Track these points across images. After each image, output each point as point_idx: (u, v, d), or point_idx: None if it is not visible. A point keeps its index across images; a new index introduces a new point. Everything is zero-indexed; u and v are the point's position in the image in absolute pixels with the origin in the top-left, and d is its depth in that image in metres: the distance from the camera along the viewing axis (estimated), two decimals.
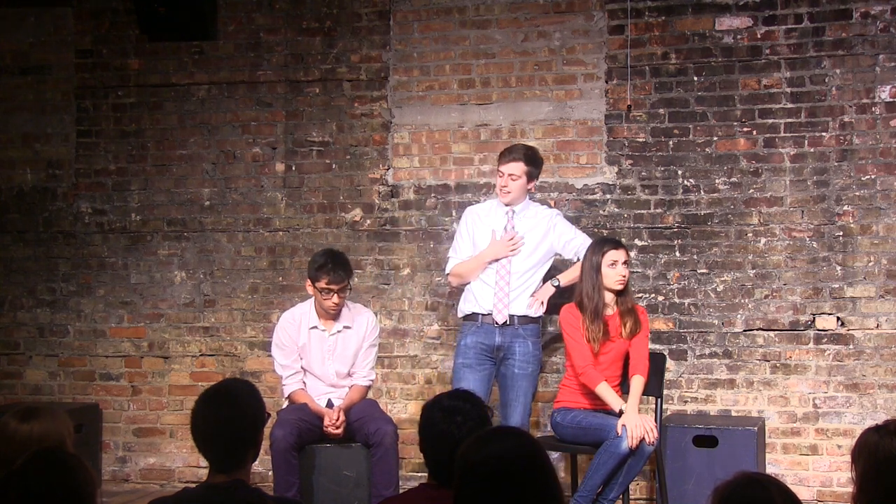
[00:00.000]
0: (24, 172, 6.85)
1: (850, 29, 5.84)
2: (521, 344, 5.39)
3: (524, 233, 5.45)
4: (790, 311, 5.90)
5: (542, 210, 5.61)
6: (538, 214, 5.54)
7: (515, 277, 5.41)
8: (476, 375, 5.36)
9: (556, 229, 5.51)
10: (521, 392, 5.33)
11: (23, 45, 6.83)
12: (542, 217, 5.53)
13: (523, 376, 5.37)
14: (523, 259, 5.44)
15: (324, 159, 6.52)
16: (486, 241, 5.47)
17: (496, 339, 5.39)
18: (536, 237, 5.47)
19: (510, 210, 5.50)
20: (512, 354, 5.38)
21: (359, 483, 5.17)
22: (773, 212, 5.94)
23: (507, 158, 5.45)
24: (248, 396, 3.10)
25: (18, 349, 6.82)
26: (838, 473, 5.75)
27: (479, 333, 5.42)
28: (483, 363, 5.41)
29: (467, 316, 5.51)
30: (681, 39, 6.06)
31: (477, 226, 5.55)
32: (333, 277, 5.23)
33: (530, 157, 5.47)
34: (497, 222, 5.50)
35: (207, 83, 6.64)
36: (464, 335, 5.49)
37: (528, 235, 5.46)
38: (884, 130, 5.81)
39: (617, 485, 4.96)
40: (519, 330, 5.39)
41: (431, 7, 6.40)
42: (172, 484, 6.53)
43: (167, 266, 6.67)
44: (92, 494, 2.59)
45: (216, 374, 6.43)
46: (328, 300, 5.26)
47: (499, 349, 5.39)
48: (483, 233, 5.51)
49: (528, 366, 5.39)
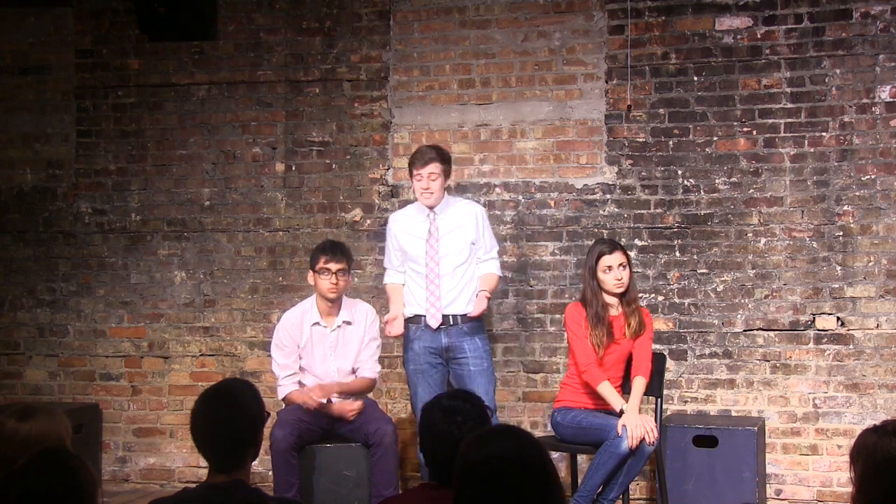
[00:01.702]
0: (24, 172, 6.85)
1: (850, 29, 5.85)
2: (470, 342, 5.32)
3: (447, 232, 5.37)
4: (790, 311, 5.91)
5: (463, 206, 5.50)
6: (460, 211, 5.44)
7: (446, 280, 5.34)
8: (429, 381, 5.33)
9: (480, 225, 5.42)
10: (481, 390, 5.19)
11: (23, 45, 6.84)
12: (464, 213, 5.43)
13: (480, 373, 5.32)
14: (451, 258, 5.35)
15: (324, 159, 6.52)
16: (412, 248, 5.40)
17: (442, 340, 5.33)
18: (461, 234, 5.38)
19: (431, 212, 5.41)
20: (462, 353, 5.32)
21: (359, 483, 5.17)
22: (773, 212, 5.94)
23: (424, 160, 5.34)
24: (248, 396, 3.10)
25: (18, 349, 6.82)
26: (838, 473, 5.75)
27: (424, 337, 5.34)
28: (434, 366, 5.36)
29: (410, 318, 5.40)
30: (681, 39, 6.06)
31: (402, 232, 5.47)
32: (331, 256, 5.25)
33: (443, 155, 5.41)
34: (419, 226, 5.41)
35: (207, 83, 6.64)
36: (410, 340, 5.40)
37: (453, 234, 5.38)
38: (884, 130, 5.81)
39: (617, 485, 4.96)
40: (464, 328, 5.33)
41: (431, 7, 6.40)
42: (172, 484, 6.53)
43: (167, 266, 6.68)
44: (93, 494, 2.59)
45: (216, 374, 6.43)
46: (326, 280, 5.26)
47: (447, 350, 5.33)
48: (408, 240, 5.43)
49: (483, 361, 5.34)
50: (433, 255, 5.37)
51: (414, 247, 5.40)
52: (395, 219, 5.56)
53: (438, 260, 5.35)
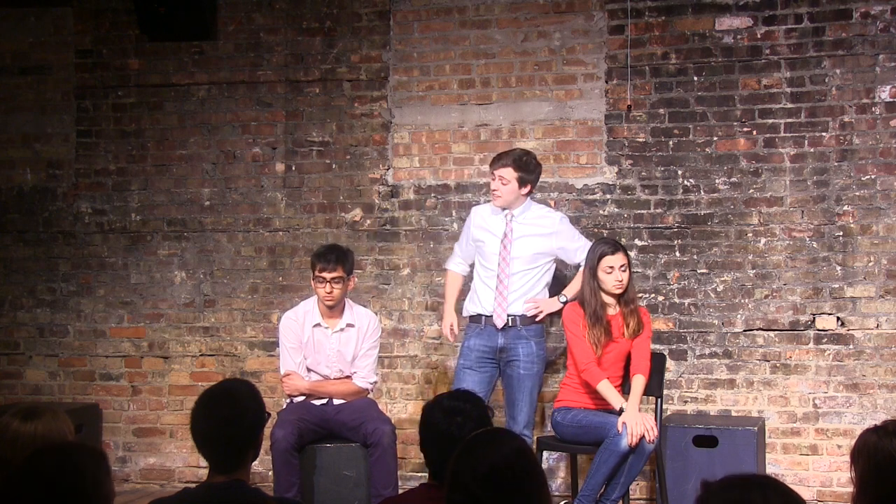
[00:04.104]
0: (24, 172, 6.85)
1: (850, 29, 5.84)
2: (525, 345, 5.39)
3: (521, 236, 5.44)
4: (790, 311, 5.91)
5: (544, 213, 5.57)
6: (539, 218, 5.51)
7: (515, 279, 5.41)
8: (476, 378, 5.37)
9: (559, 236, 5.48)
10: (526, 392, 5.37)
11: (23, 45, 6.84)
12: (543, 221, 5.50)
13: (528, 377, 5.39)
14: (521, 262, 5.43)
15: (324, 159, 6.52)
16: (487, 243, 5.48)
17: (499, 341, 5.40)
18: (535, 240, 5.45)
19: (509, 213, 5.49)
20: (516, 356, 5.38)
21: (358, 483, 5.17)
22: (773, 212, 5.94)
23: (498, 163, 5.45)
24: (248, 396, 3.10)
25: (18, 349, 6.82)
26: (838, 473, 5.75)
27: (482, 336, 5.43)
28: (484, 365, 5.42)
29: (472, 317, 5.52)
30: (681, 39, 6.06)
31: (479, 226, 5.56)
32: (325, 265, 5.26)
33: (523, 163, 5.42)
34: (497, 224, 5.50)
35: (207, 83, 6.64)
36: (468, 337, 5.50)
37: (527, 239, 5.44)
38: (884, 130, 5.81)
39: (619, 485, 4.96)
40: (522, 331, 5.39)
41: (431, 7, 6.40)
42: (172, 484, 6.53)
43: (167, 266, 6.68)
44: (101, 482, 2.54)
45: (216, 374, 6.43)
46: (321, 288, 5.28)
47: (502, 351, 5.40)
48: (484, 235, 5.52)
49: (533, 366, 5.40)
50: (505, 256, 5.42)
51: (489, 243, 5.48)
52: (477, 211, 5.66)
53: (510, 260, 5.40)
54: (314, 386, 5.34)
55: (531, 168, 5.47)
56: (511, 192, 5.43)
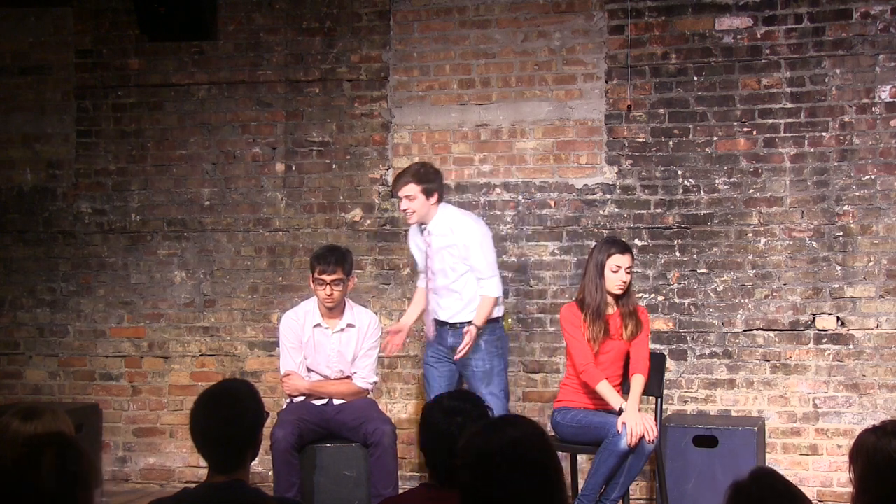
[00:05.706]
0: (24, 172, 6.86)
1: (850, 29, 5.84)
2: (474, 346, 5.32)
3: (438, 249, 5.40)
4: (790, 311, 5.91)
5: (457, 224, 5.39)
6: (450, 231, 5.37)
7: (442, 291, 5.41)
8: (435, 373, 5.47)
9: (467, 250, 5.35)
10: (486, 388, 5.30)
11: (23, 45, 6.84)
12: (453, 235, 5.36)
13: (483, 373, 5.36)
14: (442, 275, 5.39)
15: (324, 159, 6.52)
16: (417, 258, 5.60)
17: (448, 339, 5.42)
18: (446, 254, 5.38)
19: (426, 229, 5.45)
20: (468, 357, 5.35)
21: (358, 483, 5.17)
22: (773, 212, 5.94)
23: (399, 184, 5.41)
24: (247, 396, 3.09)
25: (18, 349, 6.82)
26: (838, 473, 5.75)
27: (437, 335, 5.49)
28: (441, 361, 5.47)
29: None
30: (681, 39, 6.06)
31: (412, 244, 5.65)
32: (325, 267, 5.26)
33: (421, 175, 5.38)
34: (421, 241, 5.54)
35: (207, 83, 6.64)
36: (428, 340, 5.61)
37: (441, 252, 5.38)
38: (884, 130, 5.81)
39: (618, 485, 4.96)
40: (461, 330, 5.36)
41: (431, 7, 6.40)
42: (172, 484, 6.53)
43: (167, 266, 6.68)
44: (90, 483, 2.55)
45: (216, 374, 6.43)
46: (321, 291, 5.28)
47: (451, 349, 5.40)
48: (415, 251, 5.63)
49: (485, 363, 5.37)
50: (429, 270, 5.46)
51: (419, 259, 5.59)
52: (411, 229, 5.67)
53: (433, 274, 5.44)
54: (314, 386, 5.34)
55: (431, 177, 5.42)
56: (422, 206, 5.38)
